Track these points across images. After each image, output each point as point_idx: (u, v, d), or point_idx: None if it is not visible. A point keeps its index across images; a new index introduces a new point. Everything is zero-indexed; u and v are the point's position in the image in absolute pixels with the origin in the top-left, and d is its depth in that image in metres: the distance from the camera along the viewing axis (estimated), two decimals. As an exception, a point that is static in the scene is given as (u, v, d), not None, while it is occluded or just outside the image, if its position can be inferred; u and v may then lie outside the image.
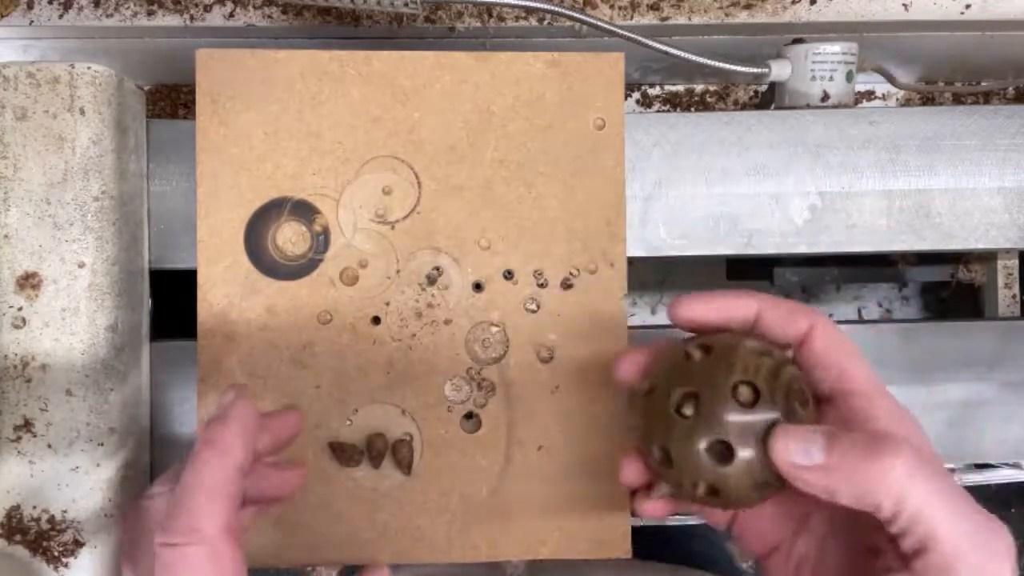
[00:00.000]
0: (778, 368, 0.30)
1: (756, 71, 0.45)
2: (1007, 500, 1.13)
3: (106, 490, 0.38)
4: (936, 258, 0.54)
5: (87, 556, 0.37)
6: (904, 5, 0.48)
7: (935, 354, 0.44)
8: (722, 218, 0.42)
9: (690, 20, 0.48)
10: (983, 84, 0.59)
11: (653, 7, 0.48)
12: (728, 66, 0.44)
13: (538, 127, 0.40)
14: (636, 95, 0.60)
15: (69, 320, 0.37)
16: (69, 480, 0.37)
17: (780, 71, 0.45)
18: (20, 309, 0.37)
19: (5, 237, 0.37)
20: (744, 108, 0.61)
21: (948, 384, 0.45)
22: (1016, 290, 0.52)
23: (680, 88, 0.60)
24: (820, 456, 0.29)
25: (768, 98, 0.49)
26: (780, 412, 0.30)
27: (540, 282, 0.40)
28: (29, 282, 0.37)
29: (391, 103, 0.40)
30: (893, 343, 0.45)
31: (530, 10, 0.47)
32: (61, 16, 0.47)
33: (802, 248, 0.43)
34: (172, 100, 0.57)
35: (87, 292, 0.37)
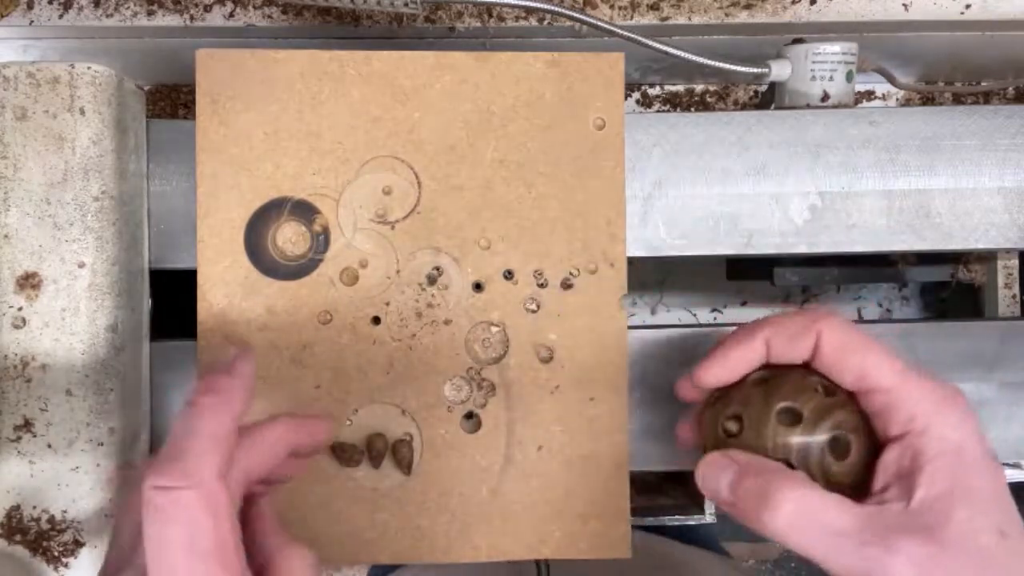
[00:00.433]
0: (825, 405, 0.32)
1: (756, 71, 0.45)
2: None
3: (106, 490, 0.38)
4: (936, 258, 0.54)
5: (87, 556, 0.37)
6: (904, 5, 0.48)
7: (935, 354, 0.44)
8: (722, 218, 0.42)
9: (690, 20, 0.48)
10: (983, 84, 0.59)
11: (653, 7, 0.48)
12: (728, 66, 0.44)
13: (538, 127, 0.40)
14: (636, 95, 0.60)
15: (69, 320, 0.37)
16: (69, 480, 0.37)
17: (780, 71, 0.45)
18: (20, 309, 0.37)
19: (5, 237, 0.37)
20: (744, 108, 0.61)
21: (948, 384, 0.44)
22: (1016, 290, 0.52)
23: (680, 88, 0.60)
24: (726, 493, 0.31)
25: (768, 98, 0.49)
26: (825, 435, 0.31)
27: (540, 282, 0.40)
28: (29, 282, 0.37)
29: (391, 103, 0.40)
30: (893, 343, 0.44)
31: (530, 10, 0.47)
32: (61, 16, 0.47)
33: (802, 248, 0.43)
34: (172, 100, 0.58)
35: (87, 292, 0.37)
